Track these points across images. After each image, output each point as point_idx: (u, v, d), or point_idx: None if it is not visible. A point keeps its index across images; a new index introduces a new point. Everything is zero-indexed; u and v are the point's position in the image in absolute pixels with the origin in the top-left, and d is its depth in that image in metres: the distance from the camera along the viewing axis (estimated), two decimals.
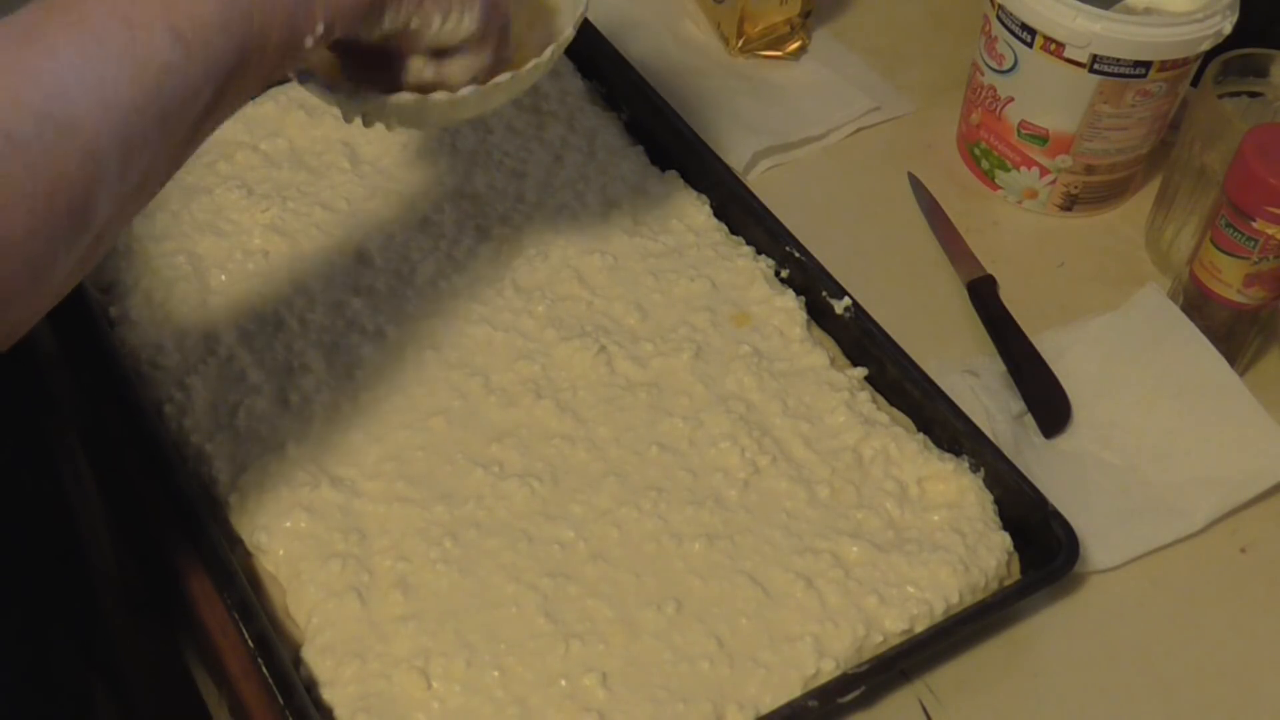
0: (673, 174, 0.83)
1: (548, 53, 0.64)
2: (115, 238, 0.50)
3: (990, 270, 0.83)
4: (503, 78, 0.62)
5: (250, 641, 0.60)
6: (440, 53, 0.60)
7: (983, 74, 0.86)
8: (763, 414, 0.71)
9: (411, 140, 0.82)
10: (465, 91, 0.61)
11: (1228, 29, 0.79)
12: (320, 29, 0.53)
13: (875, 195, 0.89)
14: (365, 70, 0.62)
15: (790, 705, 0.60)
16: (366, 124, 0.63)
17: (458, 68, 0.61)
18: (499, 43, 0.62)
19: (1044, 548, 0.66)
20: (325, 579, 0.63)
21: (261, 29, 0.51)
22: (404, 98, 0.60)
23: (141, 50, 0.47)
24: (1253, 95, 0.82)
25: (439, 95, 0.61)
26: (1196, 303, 0.77)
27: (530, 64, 0.63)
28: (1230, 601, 0.70)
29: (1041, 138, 0.85)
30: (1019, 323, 0.79)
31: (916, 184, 0.89)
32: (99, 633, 0.82)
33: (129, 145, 0.47)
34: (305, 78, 0.61)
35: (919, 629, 0.64)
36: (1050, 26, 0.80)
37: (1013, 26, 0.82)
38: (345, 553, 0.64)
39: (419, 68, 0.61)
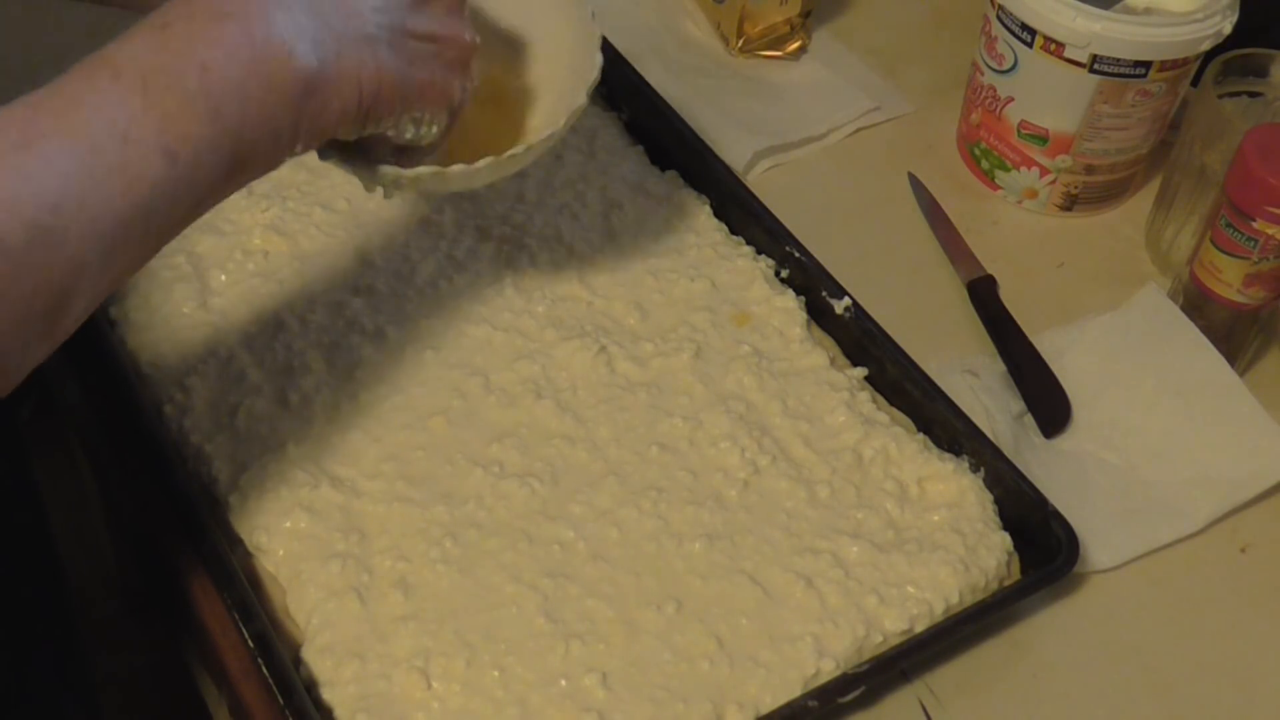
0: (673, 174, 0.83)
1: (561, 124, 0.65)
2: (84, 319, 0.51)
3: (990, 270, 0.83)
4: (518, 149, 0.64)
5: (250, 641, 0.60)
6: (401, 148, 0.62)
7: (983, 74, 0.86)
8: (763, 414, 0.71)
9: None
10: (481, 164, 0.63)
11: (1228, 29, 0.79)
12: (299, 147, 0.55)
13: (875, 195, 0.89)
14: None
15: (790, 705, 0.60)
16: (387, 195, 0.65)
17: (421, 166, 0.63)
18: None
19: (1044, 548, 0.66)
20: (325, 579, 0.63)
21: (250, 147, 0.52)
22: (422, 171, 0.62)
23: (135, 167, 0.48)
24: (1253, 95, 0.82)
25: (455, 167, 0.62)
26: (1196, 303, 0.77)
27: (545, 134, 0.65)
28: (1230, 601, 0.70)
29: (1041, 138, 0.85)
30: (1019, 323, 0.79)
31: (916, 184, 0.89)
32: (73, 652, 0.82)
33: (111, 253, 0.48)
34: (325, 153, 0.62)
35: (919, 629, 0.63)
36: (1050, 26, 0.80)
37: (1013, 26, 0.82)
38: (345, 553, 0.64)
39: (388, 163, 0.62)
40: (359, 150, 0.62)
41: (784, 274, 0.78)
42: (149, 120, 0.48)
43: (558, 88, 0.69)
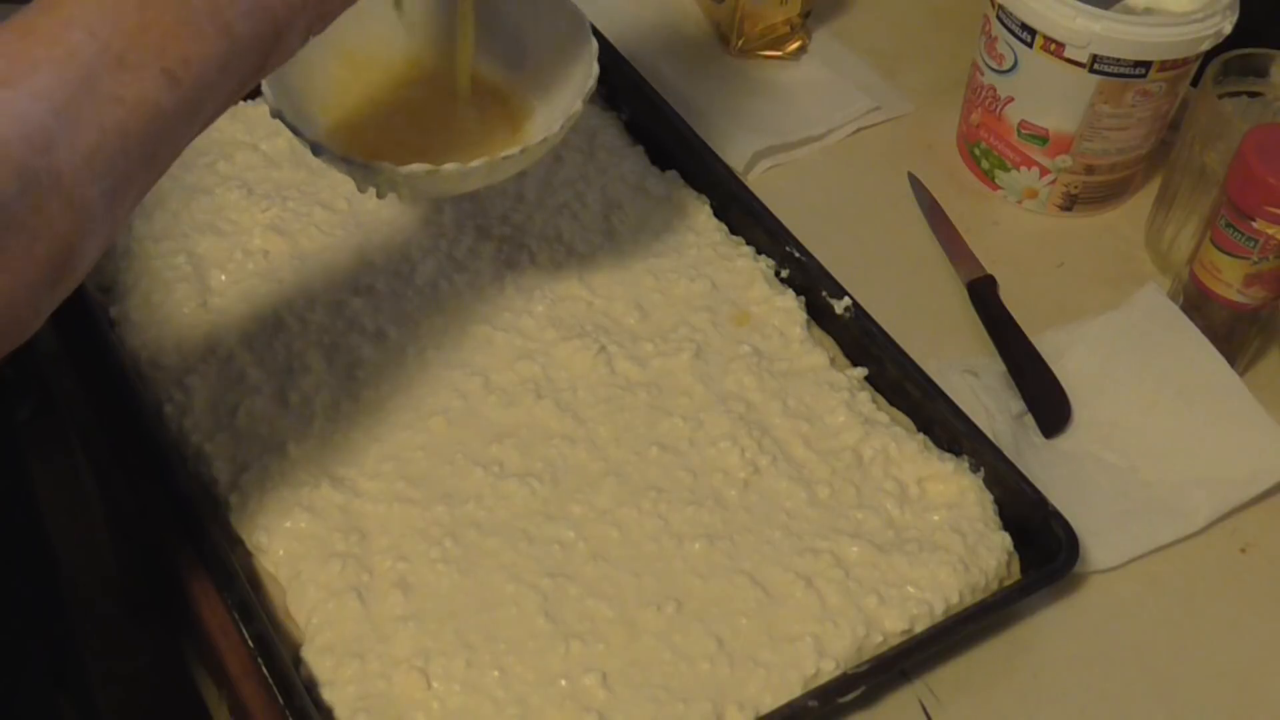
0: (673, 174, 0.83)
1: (557, 128, 0.65)
2: (99, 257, 0.47)
3: (990, 270, 0.83)
4: (512, 151, 0.64)
5: (250, 641, 0.60)
6: None
7: (983, 74, 0.86)
8: (763, 414, 0.71)
9: None
10: (476, 164, 0.63)
11: (1228, 29, 0.79)
12: (312, 36, 0.51)
13: (875, 195, 0.89)
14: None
15: (790, 705, 0.60)
16: (380, 195, 0.65)
17: None
18: None
19: (1044, 548, 0.66)
20: (325, 579, 0.63)
21: (261, 57, 0.48)
22: (416, 169, 0.62)
23: (133, 94, 0.44)
24: (1253, 95, 0.82)
25: (449, 166, 0.62)
26: (1196, 303, 0.77)
27: (539, 138, 0.65)
28: (1230, 601, 0.70)
29: (1041, 138, 0.85)
30: (1019, 323, 0.79)
31: (916, 184, 0.89)
32: (71, 652, 0.82)
33: (115, 190, 0.45)
34: (319, 149, 0.62)
35: (919, 629, 0.63)
36: (1050, 26, 0.80)
37: (1013, 26, 0.82)
38: (345, 553, 0.64)
39: None
40: None
41: (784, 274, 0.78)
42: (147, 41, 0.44)
43: (555, 94, 0.70)
